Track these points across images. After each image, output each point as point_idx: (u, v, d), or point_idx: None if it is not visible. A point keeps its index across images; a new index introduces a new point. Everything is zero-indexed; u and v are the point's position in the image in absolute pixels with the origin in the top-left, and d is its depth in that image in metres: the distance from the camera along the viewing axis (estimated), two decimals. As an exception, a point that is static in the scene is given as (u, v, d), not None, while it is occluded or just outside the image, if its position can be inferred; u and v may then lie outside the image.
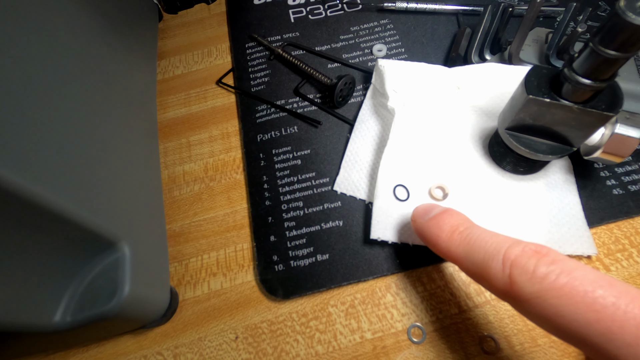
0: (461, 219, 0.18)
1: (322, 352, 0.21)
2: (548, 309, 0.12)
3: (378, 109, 0.27)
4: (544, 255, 0.13)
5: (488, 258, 0.15)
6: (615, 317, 0.11)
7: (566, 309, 0.12)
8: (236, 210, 0.26)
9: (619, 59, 0.15)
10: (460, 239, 0.17)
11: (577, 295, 0.12)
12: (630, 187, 0.23)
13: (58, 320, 0.17)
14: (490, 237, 0.16)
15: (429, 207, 0.20)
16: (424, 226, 0.19)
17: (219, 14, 0.37)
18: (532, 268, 0.13)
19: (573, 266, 0.13)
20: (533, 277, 0.13)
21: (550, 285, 0.12)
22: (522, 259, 0.13)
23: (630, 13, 0.14)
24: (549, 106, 0.18)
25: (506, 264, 0.14)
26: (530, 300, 0.13)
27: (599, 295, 0.11)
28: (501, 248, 0.14)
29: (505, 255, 0.14)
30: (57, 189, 0.16)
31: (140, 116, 0.27)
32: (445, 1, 0.33)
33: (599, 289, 0.12)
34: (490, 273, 0.14)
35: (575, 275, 0.12)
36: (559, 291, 0.12)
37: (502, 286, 0.14)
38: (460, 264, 0.17)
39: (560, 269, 0.13)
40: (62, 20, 0.20)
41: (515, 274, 0.13)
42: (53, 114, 0.17)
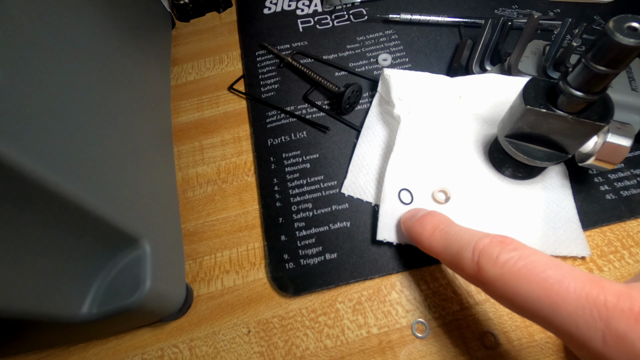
0: (441, 219, 0.20)
1: (330, 345, 0.22)
2: (508, 289, 0.14)
3: (384, 116, 0.29)
4: (507, 244, 0.15)
5: (462, 249, 0.17)
6: (559, 292, 0.13)
7: (522, 288, 0.14)
8: (248, 211, 0.27)
9: (608, 74, 0.17)
10: (440, 236, 0.19)
11: (531, 275, 0.14)
12: (623, 192, 0.24)
13: (85, 312, 0.18)
14: (465, 232, 0.18)
15: (414, 211, 0.22)
16: (410, 227, 0.21)
17: (230, 23, 0.39)
18: (495, 255, 0.15)
19: (529, 252, 0.15)
20: (496, 262, 0.15)
21: (510, 269, 0.14)
22: (488, 248, 0.15)
23: (617, 34, 0.15)
24: (546, 116, 0.20)
25: (475, 253, 0.16)
26: (494, 282, 0.15)
27: (548, 275, 0.13)
28: (472, 240, 0.16)
29: (475, 246, 0.16)
30: (88, 189, 0.17)
31: (156, 120, 0.28)
32: (448, 13, 0.35)
33: (549, 270, 0.13)
34: (463, 262, 0.16)
35: (531, 260, 0.14)
36: (517, 273, 0.14)
37: (472, 272, 0.16)
38: (441, 257, 0.19)
39: (518, 255, 0.14)
40: (85, 31, 0.22)
41: (482, 261, 0.15)
42: (84, 120, 0.19)
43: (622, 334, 0.11)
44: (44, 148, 0.15)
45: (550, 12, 0.34)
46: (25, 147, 0.14)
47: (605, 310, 0.12)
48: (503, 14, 0.35)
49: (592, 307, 0.12)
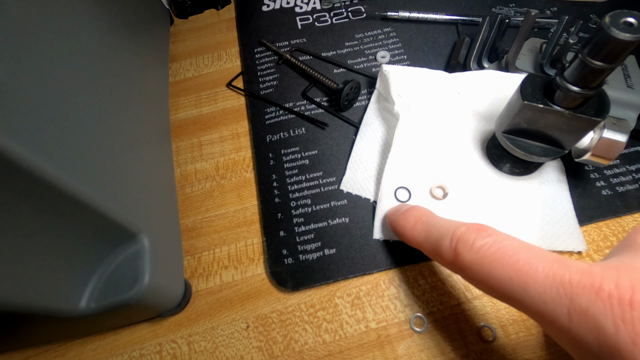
0: (423, 212, 0.21)
1: (329, 340, 0.22)
2: (483, 272, 0.15)
3: (382, 112, 0.29)
4: (482, 231, 0.16)
5: (441, 237, 0.17)
6: (529, 272, 0.13)
7: (495, 270, 0.14)
8: (246, 206, 0.27)
9: (605, 69, 0.17)
10: (421, 227, 0.19)
11: (503, 258, 0.14)
12: (618, 188, 0.25)
13: (84, 306, 0.18)
14: (444, 222, 0.18)
15: (398, 206, 0.23)
16: (394, 221, 0.22)
17: (228, 20, 0.39)
18: (471, 241, 0.16)
19: (502, 237, 0.15)
20: (472, 247, 0.15)
21: (484, 253, 0.15)
22: (465, 235, 0.16)
23: (614, 29, 0.15)
24: (543, 111, 0.20)
25: (453, 240, 0.16)
26: (471, 266, 0.15)
27: (519, 258, 0.14)
28: (451, 229, 0.17)
29: (453, 234, 0.17)
30: (88, 184, 0.17)
31: (154, 117, 0.28)
32: (446, 11, 0.35)
33: (520, 252, 0.14)
34: (442, 249, 0.17)
35: (504, 244, 0.15)
36: (490, 257, 0.15)
37: (450, 258, 0.16)
38: (422, 247, 0.19)
39: (492, 240, 0.15)
40: (84, 27, 0.22)
41: (459, 247, 0.16)
42: (83, 115, 0.18)
43: (584, 308, 0.11)
44: (43, 142, 0.15)
45: (547, 10, 0.35)
46: (25, 141, 0.14)
47: (570, 287, 0.12)
48: (500, 12, 0.35)
49: (558, 285, 0.12)
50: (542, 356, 0.20)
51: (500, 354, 0.20)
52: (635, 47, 0.16)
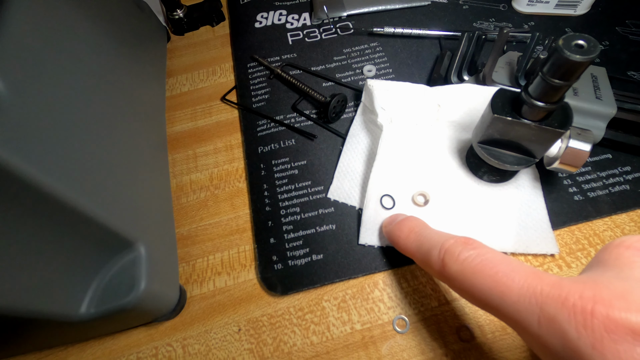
0: (417, 223, 0.22)
1: (316, 341, 0.23)
2: (467, 282, 0.16)
3: (367, 124, 0.30)
4: (469, 244, 0.17)
5: (431, 248, 0.19)
6: (506, 283, 0.15)
7: (477, 281, 0.16)
8: (239, 215, 0.28)
9: (562, 86, 0.18)
10: (414, 237, 0.21)
11: (484, 270, 0.16)
12: (589, 193, 0.26)
13: (84, 311, 0.19)
14: (435, 234, 0.20)
15: (394, 216, 0.24)
16: (390, 230, 0.23)
17: (223, 36, 0.41)
18: (457, 253, 0.17)
19: (485, 251, 0.16)
20: (457, 259, 0.17)
21: (468, 265, 0.16)
22: (452, 247, 0.17)
23: (566, 51, 0.17)
24: (511, 124, 0.21)
25: (441, 251, 0.18)
26: (456, 277, 0.17)
27: (499, 270, 0.15)
28: (440, 241, 0.18)
29: (442, 245, 0.18)
30: (87, 195, 0.18)
31: (151, 130, 0.29)
32: (429, 27, 0.37)
33: (500, 265, 0.15)
34: (431, 259, 0.18)
35: (486, 257, 0.16)
36: (474, 268, 0.16)
37: (438, 268, 0.18)
38: (414, 256, 0.21)
39: (476, 253, 0.16)
40: (85, 45, 0.23)
41: (446, 258, 0.17)
42: (83, 129, 0.20)
43: (552, 316, 0.13)
44: (44, 155, 0.16)
45: (525, 24, 0.36)
46: (25, 154, 0.15)
47: (541, 297, 0.13)
48: (481, 27, 0.37)
49: (531, 295, 0.14)
50: (516, 354, 0.21)
51: (478, 353, 0.22)
52: (586, 67, 0.17)
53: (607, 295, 0.12)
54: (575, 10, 0.36)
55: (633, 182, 0.26)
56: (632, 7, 0.37)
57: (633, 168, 0.27)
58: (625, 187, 0.26)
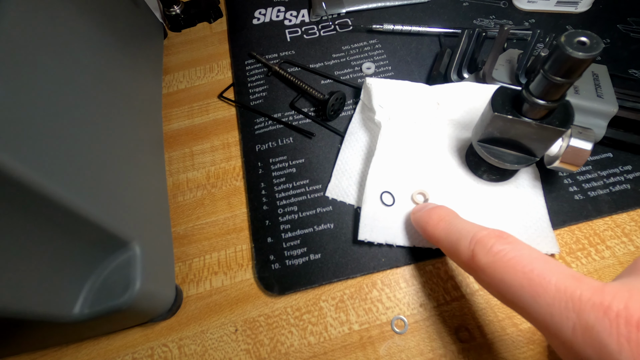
0: (448, 212, 0.21)
1: (314, 342, 0.23)
2: (496, 276, 0.15)
3: (366, 122, 0.30)
4: (503, 238, 0.16)
5: (461, 237, 0.18)
6: (542, 283, 0.14)
7: (508, 276, 0.15)
8: (236, 214, 0.28)
9: (564, 83, 0.18)
10: (443, 226, 0.20)
11: (518, 266, 0.15)
12: (590, 193, 0.26)
13: (77, 311, 0.19)
14: (467, 224, 0.19)
15: (424, 204, 0.24)
16: (419, 217, 0.23)
17: (220, 33, 0.40)
18: (490, 245, 0.16)
19: (522, 246, 0.16)
20: (489, 251, 0.16)
21: (500, 259, 0.15)
22: (485, 238, 0.17)
23: (568, 47, 0.17)
24: (512, 122, 0.21)
25: (472, 241, 0.17)
26: (485, 269, 0.16)
27: (534, 267, 0.14)
28: (472, 231, 0.18)
29: (474, 235, 0.17)
30: (81, 195, 0.18)
31: (147, 128, 0.29)
32: (429, 24, 0.36)
33: (536, 263, 0.15)
34: (460, 249, 0.18)
35: (521, 253, 0.15)
36: (506, 263, 0.15)
37: (466, 258, 0.17)
38: (441, 244, 0.20)
39: (511, 247, 0.16)
40: (80, 42, 0.23)
41: (477, 249, 0.17)
42: (77, 127, 0.20)
43: (590, 324, 0.12)
44: (37, 154, 0.16)
45: (526, 22, 0.36)
46: (17, 153, 0.15)
47: (579, 302, 0.12)
48: (481, 24, 0.36)
49: (568, 299, 0.13)
50: (516, 355, 0.21)
51: (477, 354, 0.21)
52: (589, 64, 0.17)
53: None
54: (576, 7, 0.36)
55: (634, 181, 0.26)
56: (634, 5, 0.36)
57: (634, 167, 0.27)
58: (626, 186, 0.26)
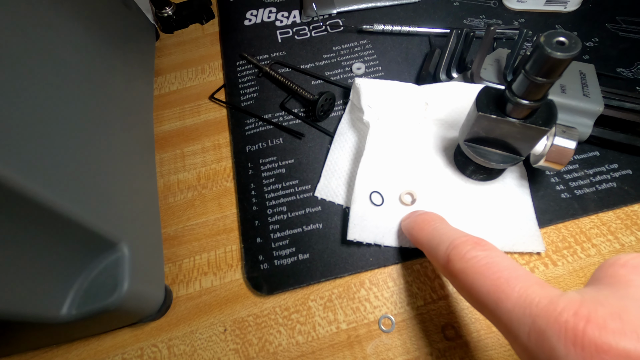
0: (435, 217, 0.22)
1: (302, 341, 0.23)
2: (467, 282, 0.16)
3: (355, 122, 0.30)
4: (479, 245, 0.17)
5: (441, 242, 0.19)
6: (505, 290, 0.14)
7: (478, 281, 0.16)
8: (226, 215, 0.28)
9: (545, 83, 0.18)
10: (428, 229, 0.21)
11: (488, 272, 0.15)
12: (576, 191, 0.26)
13: (65, 313, 0.19)
14: (450, 230, 0.20)
15: (416, 211, 0.24)
16: (409, 222, 0.23)
17: (212, 34, 0.40)
18: (465, 251, 0.17)
19: (495, 254, 0.16)
20: (463, 257, 0.17)
21: (472, 265, 0.16)
22: (461, 245, 0.17)
23: (547, 47, 0.17)
24: (496, 122, 0.21)
25: (450, 247, 0.18)
26: (458, 274, 0.17)
27: (501, 275, 0.15)
28: (452, 237, 0.18)
29: (452, 242, 0.18)
30: (66, 196, 0.18)
31: (138, 129, 0.29)
32: (419, 24, 0.36)
33: (505, 270, 0.15)
34: (439, 253, 0.18)
35: (493, 260, 0.16)
36: (477, 269, 0.16)
37: (443, 263, 0.18)
38: (423, 248, 0.21)
39: (485, 255, 0.16)
40: (69, 42, 0.23)
41: (452, 255, 0.17)
42: (66, 129, 0.20)
43: (542, 329, 0.13)
44: (22, 155, 0.16)
45: (515, 21, 0.36)
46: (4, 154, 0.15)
47: (536, 309, 0.13)
48: (471, 24, 0.37)
49: (526, 306, 0.14)
50: (500, 352, 0.21)
51: (463, 351, 0.22)
52: (567, 64, 0.17)
53: (601, 313, 0.12)
54: (565, 6, 0.36)
55: (620, 179, 0.26)
56: (622, 4, 0.36)
57: (620, 165, 0.27)
58: (612, 184, 0.26)
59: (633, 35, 0.34)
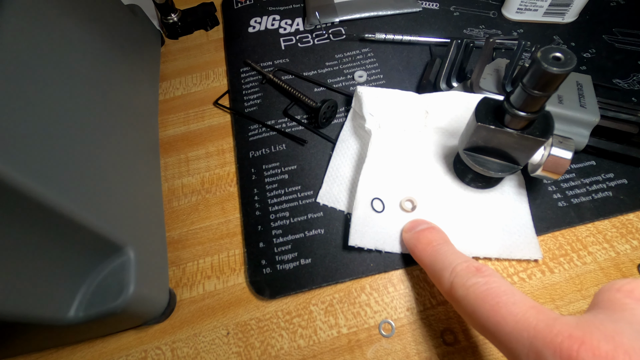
0: (437, 236, 0.23)
1: (303, 345, 0.23)
2: (469, 307, 0.17)
3: (357, 129, 0.31)
4: (480, 272, 0.18)
5: (444, 268, 0.20)
6: (504, 314, 0.15)
7: (479, 307, 0.16)
8: (229, 219, 0.29)
9: (541, 96, 0.19)
10: (430, 251, 0.22)
11: (487, 298, 0.16)
12: (573, 200, 0.27)
13: (72, 315, 0.20)
14: (451, 254, 0.20)
15: (417, 222, 0.25)
16: (409, 237, 0.24)
17: (217, 40, 0.41)
18: (466, 278, 0.18)
19: (494, 280, 0.17)
20: (464, 284, 0.18)
21: (474, 291, 0.17)
22: (463, 272, 0.18)
23: (544, 62, 0.17)
24: (495, 132, 0.22)
25: (452, 274, 0.19)
26: (460, 300, 0.18)
27: (500, 300, 0.16)
28: (454, 262, 0.19)
29: (454, 268, 0.19)
30: (75, 199, 0.18)
31: (144, 133, 0.30)
32: (420, 33, 0.37)
33: (503, 296, 0.16)
34: (442, 279, 0.19)
35: (492, 286, 0.17)
36: (478, 295, 0.17)
37: (447, 289, 0.19)
38: (426, 269, 0.22)
39: (484, 281, 0.17)
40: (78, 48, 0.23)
41: (455, 282, 0.18)
42: (73, 134, 0.20)
43: (539, 350, 0.13)
44: (32, 161, 0.16)
45: (514, 32, 0.37)
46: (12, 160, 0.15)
47: (534, 331, 0.14)
48: (471, 34, 0.37)
49: (524, 328, 0.14)
50: (498, 357, 0.22)
51: (461, 356, 0.22)
52: (563, 79, 0.18)
53: (596, 336, 0.12)
54: (563, 18, 0.37)
55: (615, 188, 0.27)
56: (619, 16, 0.37)
57: (616, 175, 0.27)
58: (608, 193, 0.27)
59: (629, 47, 0.35)
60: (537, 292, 0.24)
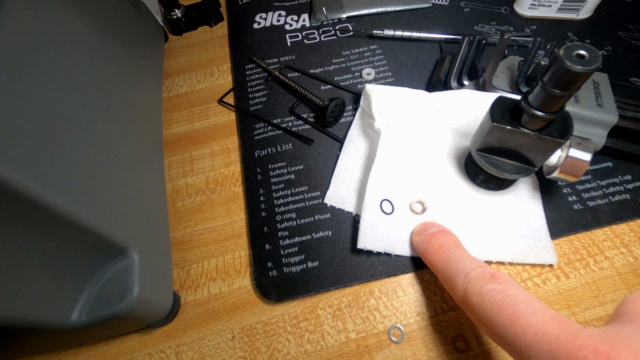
0: (448, 240, 0.22)
1: (311, 350, 0.23)
2: (485, 315, 0.16)
3: (365, 129, 0.30)
4: (495, 278, 0.17)
5: (457, 274, 0.19)
6: (522, 324, 0.15)
7: (495, 316, 0.16)
8: (234, 220, 0.28)
9: (562, 96, 0.18)
10: (443, 256, 0.21)
11: (504, 307, 0.16)
12: (589, 202, 0.26)
13: (75, 318, 0.19)
14: (465, 259, 0.20)
15: (428, 225, 0.24)
16: (420, 241, 0.23)
17: (221, 37, 0.40)
18: (481, 285, 0.17)
19: (511, 287, 0.16)
20: (479, 291, 0.17)
21: (489, 299, 0.16)
22: (477, 278, 0.18)
23: (567, 60, 0.16)
24: (511, 133, 0.21)
25: (466, 280, 0.18)
26: (475, 308, 0.17)
27: (518, 309, 0.15)
28: (467, 268, 0.18)
29: (467, 274, 0.18)
30: (78, 202, 0.18)
31: (147, 132, 0.29)
32: (430, 30, 0.36)
33: (520, 304, 0.15)
34: (455, 286, 0.19)
35: (508, 294, 0.16)
36: (494, 303, 0.16)
37: (460, 296, 0.18)
38: (438, 274, 0.21)
39: (500, 289, 0.16)
40: (80, 46, 0.23)
41: (469, 288, 0.18)
42: (76, 134, 0.20)
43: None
44: (33, 162, 0.16)
45: (527, 28, 0.36)
46: (14, 161, 0.15)
47: (555, 344, 0.13)
48: (482, 30, 0.36)
49: (545, 340, 0.14)
50: (512, 366, 0.21)
51: (473, 364, 0.21)
52: (587, 78, 0.17)
53: (623, 352, 0.12)
54: (577, 14, 0.36)
55: (633, 191, 0.26)
56: (635, 12, 0.36)
57: (633, 177, 0.26)
58: (626, 196, 0.26)
59: (646, 44, 0.33)
60: (552, 298, 0.23)
